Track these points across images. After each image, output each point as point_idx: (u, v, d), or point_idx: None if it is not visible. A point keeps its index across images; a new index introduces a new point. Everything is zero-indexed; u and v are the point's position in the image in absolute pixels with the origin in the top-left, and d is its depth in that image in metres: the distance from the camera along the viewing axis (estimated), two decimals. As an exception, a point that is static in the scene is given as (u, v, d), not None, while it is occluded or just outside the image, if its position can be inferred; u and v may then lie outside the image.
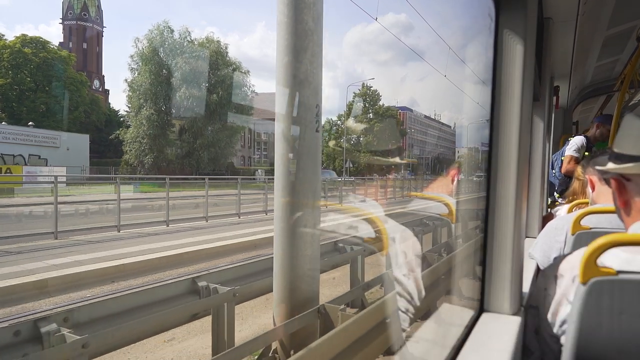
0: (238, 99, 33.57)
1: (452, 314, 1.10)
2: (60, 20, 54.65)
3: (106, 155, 37.73)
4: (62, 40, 52.63)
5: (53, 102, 36.99)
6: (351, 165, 40.48)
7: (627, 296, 0.79)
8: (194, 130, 32.04)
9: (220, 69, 32.38)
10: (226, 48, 34.11)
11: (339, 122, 46.29)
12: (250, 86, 36.16)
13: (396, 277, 1.06)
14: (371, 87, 48.55)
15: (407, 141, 78.33)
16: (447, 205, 1.35)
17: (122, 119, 42.90)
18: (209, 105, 31.28)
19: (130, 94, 32.53)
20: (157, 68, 31.37)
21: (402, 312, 1.05)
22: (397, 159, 50.50)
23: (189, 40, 33.12)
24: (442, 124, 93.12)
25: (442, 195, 1.40)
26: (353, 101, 48.26)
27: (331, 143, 44.85)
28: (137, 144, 31.79)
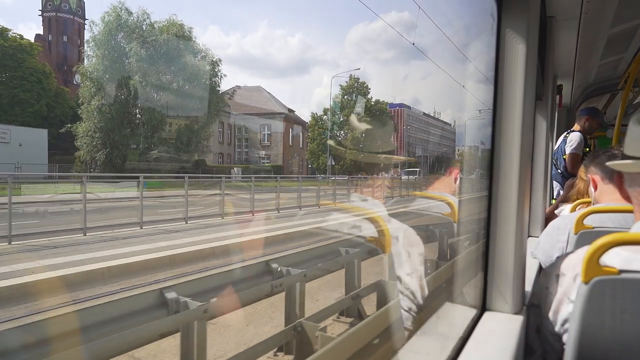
0: (205, 90, 29.80)
1: (454, 313, 1.10)
2: (40, 12, 50.94)
3: (71, 152, 33.15)
4: (40, 33, 49.08)
5: (7, 94, 32.82)
6: (333, 163, 38.55)
7: (630, 295, 0.79)
8: (153, 124, 28.12)
9: (182, 56, 28.66)
10: (190, 32, 30.14)
11: (325, 117, 42.88)
12: (221, 76, 31.95)
13: (399, 276, 1.06)
14: (358, 79, 44.68)
15: (405, 139, 77.24)
16: (449, 204, 1.35)
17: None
18: (169, 96, 28.16)
19: (85, 83, 28.08)
20: (111, 53, 27.33)
21: (405, 311, 1.06)
22: (388, 157, 47.03)
23: (149, 23, 28.96)
24: (442, 122, 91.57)
25: (445, 195, 1.41)
26: (340, 95, 44.03)
27: (315, 142, 41.66)
28: (89, 139, 27.67)
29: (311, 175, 36.04)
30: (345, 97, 43.41)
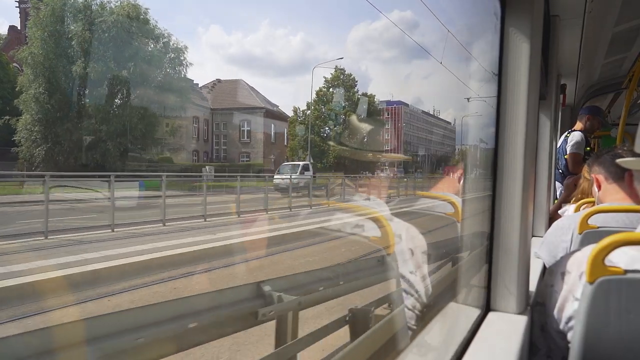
0: (165, 79, 26.83)
1: (458, 313, 1.10)
2: (17, 4, 48.48)
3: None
4: (15, 24, 42.38)
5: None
6: (312, 161, 33.68)
7: (635, 295, 0.79)
8: (101, 116, 24.27)
9: (135, 40, 24.74)
10: (146, 14, 25.81)
11: (308, 111, 39.55)
12: (187, 65, 28.14)
13: (403, 275, 1.06)
14: (344, 70, 41.08)
15: (403, 137, 76.25)
16: (452, 204, 1.35)
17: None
18: (119, 85, 24.31)
19: (25, 70, 24.34)
20: (53, 36, 23.64)
21: (409, 309, 1.05)
22: (375, 155, 42.17)
23: (98, 3, 25.20)
24: (442, 120, 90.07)
25: (448, 194, 1.40)
26: (325, 88, 40.33)
27: (297, 137, 38.45)
28: (27, 132, 23.80)
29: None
30: (330, 89, 40.43)
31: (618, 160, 1.36)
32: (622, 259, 0.83)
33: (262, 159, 39.79)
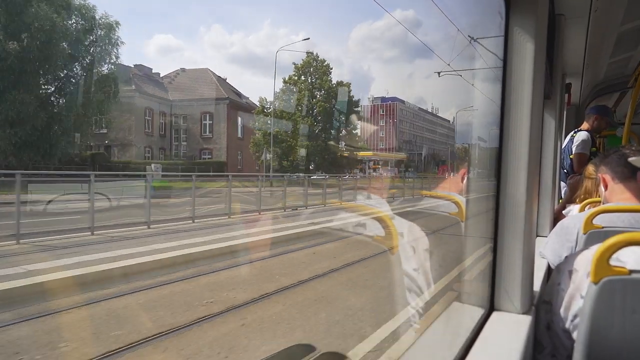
0: (86, 58, 21.57)
1: (462, 312, 1.10)
2: None
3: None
4: None
5: None
6: (268, 157, 30.34)
7: None
8: None
9: (30, 6, 18.47)
10: None
11: (276, 102, 35.08)
12: (119, 43, 22.55)
13: (406, 272, 1.06)
14: (317, 55, 35.65)
15: (398, 135, 74.24)
16: (456, 203, 1.35)
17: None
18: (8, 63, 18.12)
19: None
20: None
21: (412, 308, 1.06)
22: (353, 152, 37.57)
23: None
24: (440, 118, 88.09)
25: (452, 194, 1.40)
26: (295, 76, 35.03)
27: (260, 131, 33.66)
28: None
29: (266, 174, 26.93)
30: (301, 77, 34.95)
31: (631, 159, 1.35)
32: (631, 258, 0.83)
33: (225, 157, 35.42)
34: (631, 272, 0.80)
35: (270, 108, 34.62)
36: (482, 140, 1.37)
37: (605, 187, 1.54)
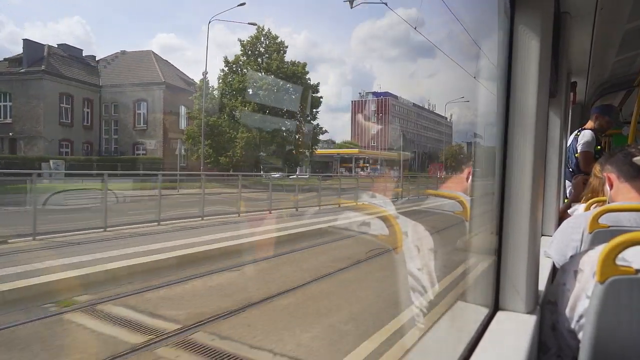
0: None
1: (466, 312, 1.09)
2: None
3: None
4: None
5: None
6: (183, 151, 25.77)
7: None
8: None
9: None
10: None
11: (213, 86, 28.82)
12: None
13: (410, 272, 1.06)
14: (269, 31, 29.31)
15: (389, 132, 72.10)
16: (461, 202, 1.34)
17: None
18: None
19: None
20: None
21: (416, 307, 1.05)
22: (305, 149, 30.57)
23: None
24: (437, 114, 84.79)
25: (457, 193, 1.40)
26: (244, 54, 28.78)
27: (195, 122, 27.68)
28: None
29: (208, 173, 23.26)
30: (247, 58, 28.92)
31: (636, 159, 1.34)
32: (637, 257, 0.82)
33: (162, 152, 29.79)
34: (637, 271, 0.79)
35: (198, 94, 27.74)
36: (479, 137, 1.36)
37: (611, 186, 1.53)
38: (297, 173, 32.27)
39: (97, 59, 32.68)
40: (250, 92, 27.58)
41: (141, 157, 29.77)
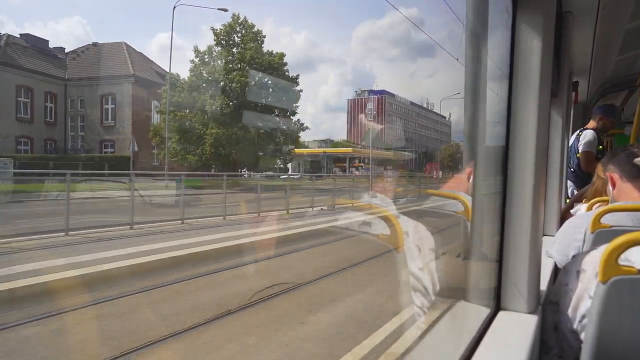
0: None
1: (467, 311, 1.09)
2: None
3: None
4: None
5: None
6: (136, 148, 22.54)
7: None
8: None
9: None
10: None
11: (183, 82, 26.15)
12: None
13: (411, 271, 1.06)
14: (244, 19, 26.79)
15: (386, 131, 70.38)
16: (462, 202, 1.34)
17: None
18: None
19: None
20: None
21: (417, 307, 1.05)
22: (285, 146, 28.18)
23: None
24: (435, 113, 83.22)
25: (458, 193, 1.40)
26: (217, 43, 26.45)
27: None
28: None
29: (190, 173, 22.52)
30: (222, 48, 26.61)
31: (636, 160, 1.34)
32: (638, 258, 0.82)
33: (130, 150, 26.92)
34: None
35: (167, 87, 24.94)
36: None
37: (613, 186, 1.52)
38: (289, 173, 31.70)
39: (66, 51, 30.58)
40: (222, 85, 25.03)
41: (108, 155, 27.29)
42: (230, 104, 25.30)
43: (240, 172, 27.09)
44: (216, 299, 4.69)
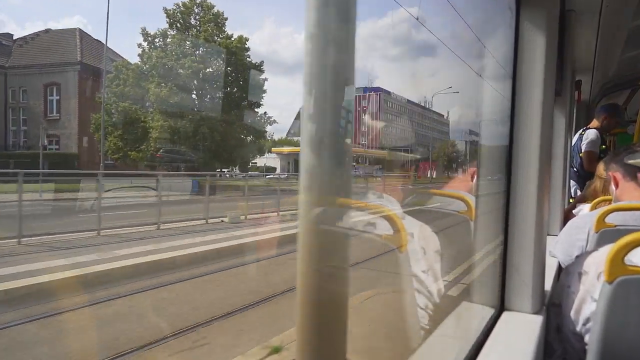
0: None
1: (472, 312, 1.09)
2: None
3: None
4: None
5: None
6: (85, 144, 20.07)
7: None
8: None
9: None
10: None
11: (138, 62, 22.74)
12: None
13: (415, 274, 1.05)
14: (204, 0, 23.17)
15: (381, 129, 68.13)
16: (465, 202, 1.33)
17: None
18: None
19: None
20: None
21: (422, 309, 1.05)
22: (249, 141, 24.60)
23: None
24: (433, 112, 78.95)
25: (461, 192, 1.39)
26: (171, 26, 23.02)
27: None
28: None
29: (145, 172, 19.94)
30: (176, 32, 23.09)
31: (630, 160, 1.33)
32: None
33: (77, 147, 24.13)
34: None
35: (113, 74, 21.71)
36: (481, 136, 1.35)
37: (616, 185, 1.51)
38: (278, 172, 29.92)
39: (14, 38, 27.23)
40: (171, 71, 21.80)
41: (51, 152, 23.71)
42: (179, 93, 21.58)
43: (221, 171, 24.01)
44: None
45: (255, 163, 30.50)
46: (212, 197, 12.24)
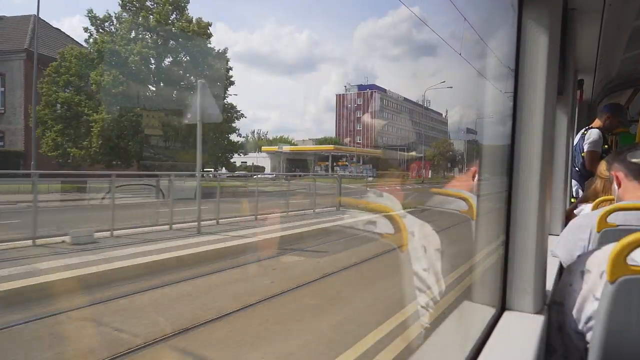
0: None
1: (473, 312, 1.08)
2: None
3: None
4: None
5: None
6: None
7: None
8: None
9: None
10: None
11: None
12: None
13: (416, 272, 1.05)
14: None
15: (377, 128, 66.79)
16: (467, 201, 1.33)
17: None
18: None
19: None
20: None
21: (422, 307, 1.05)
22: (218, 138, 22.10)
23: None
24: (431, 110, 79.25)
25: (462, 191, 1.39)
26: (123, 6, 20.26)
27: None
28: None
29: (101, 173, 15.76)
30: (131, 16, 20.37)
31: (633, 159, 1.33)
32: None
33: (23, 144, 21.30)
34: None
35: (58, 62, 19.33)
36: (480, 135, 1.35)
37: (619, 184, 1.51)
38: (266, 172, 28.74)
39: None
40: (119, 57, 19.22)
41: (5, 149, 21.27)
42: (125, 81, 18.88)
43: (204, 170, 19.81)
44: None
45: (245, 162, 29.25)
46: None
